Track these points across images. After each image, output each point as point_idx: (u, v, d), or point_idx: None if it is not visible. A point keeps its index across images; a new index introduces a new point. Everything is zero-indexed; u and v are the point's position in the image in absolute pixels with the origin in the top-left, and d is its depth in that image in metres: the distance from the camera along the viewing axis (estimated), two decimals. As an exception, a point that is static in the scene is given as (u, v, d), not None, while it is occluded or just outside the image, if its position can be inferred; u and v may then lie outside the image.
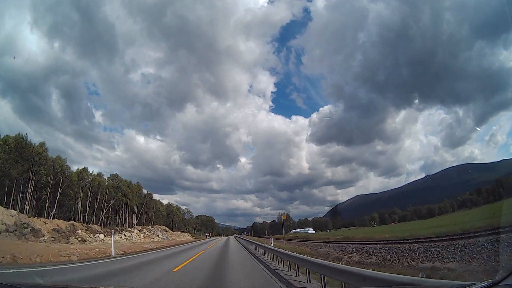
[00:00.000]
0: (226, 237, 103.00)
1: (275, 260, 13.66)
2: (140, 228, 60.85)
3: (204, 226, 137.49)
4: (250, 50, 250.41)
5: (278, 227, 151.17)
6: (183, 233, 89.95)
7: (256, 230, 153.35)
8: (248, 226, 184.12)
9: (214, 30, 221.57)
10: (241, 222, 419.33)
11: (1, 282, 2.89)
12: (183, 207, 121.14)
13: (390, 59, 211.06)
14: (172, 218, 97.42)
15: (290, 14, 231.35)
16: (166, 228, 79.71)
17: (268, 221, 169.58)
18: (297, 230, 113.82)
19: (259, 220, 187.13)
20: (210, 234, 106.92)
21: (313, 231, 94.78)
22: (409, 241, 19.26)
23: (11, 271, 9.95)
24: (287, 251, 11.68)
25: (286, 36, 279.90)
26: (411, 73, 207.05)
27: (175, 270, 11.06)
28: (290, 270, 10.21)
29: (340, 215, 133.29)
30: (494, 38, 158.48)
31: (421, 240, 18.16)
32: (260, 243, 23.37)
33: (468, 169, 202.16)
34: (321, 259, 7.02)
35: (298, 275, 9.17)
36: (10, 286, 3.04)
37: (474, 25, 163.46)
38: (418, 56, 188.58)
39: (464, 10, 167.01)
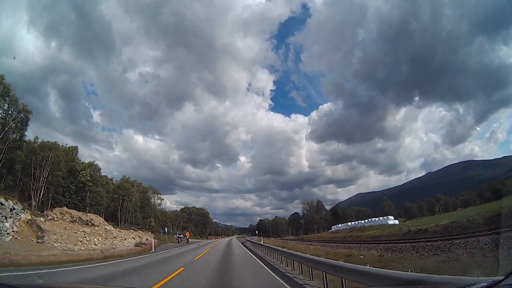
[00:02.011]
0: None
1: None
2: None
3: (193, 222, 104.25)
4: (249, 47, 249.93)
5: (299, 223, 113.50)
6: (130, 231, 44.56)
7: (264, 229, 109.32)
8: (251, 225, 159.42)
9: (212, 27, 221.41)
10: (241, 222, 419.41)
11: (1, 282, 2.90)
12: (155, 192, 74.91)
13: (390, 56, 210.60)
14: (123, 204, 57.27)
15: (289, 11, 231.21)
16: (97, 218, 37.48)
17: (285, 217, 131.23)
18: (351, 223, 75.71)
19: (258, 219, 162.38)
20: (188, 236, 57.73)
21: (396, 221, 59.16)
22: None
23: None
24: None
25: (284, 33, 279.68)
26: (411, 70, 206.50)
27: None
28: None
29: (340, 213, 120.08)
30: (494, 34, 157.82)
31: None
32: None
33: (470, 165, 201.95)
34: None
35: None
36: (10, 286, 3.05)
37: (474, 21, 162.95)
38: (418, 52, 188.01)
39: (463, 5, 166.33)
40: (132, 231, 47.52)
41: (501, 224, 14.92)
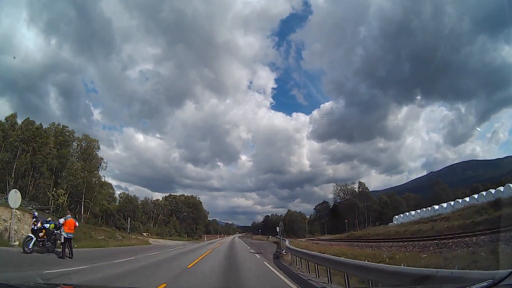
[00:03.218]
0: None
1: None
2: None
3: (180, 216, 79.19)
4: (249, 44, 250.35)
5: (327, 216, 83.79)
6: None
7: (272, 227, 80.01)
8: (254, 223, 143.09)
9: (212, 24, 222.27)
10: (242, 220, 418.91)
11: (1, 283, 2.91)
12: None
13: (391, 54, 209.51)
14: (21, 162, 35.69)
15: (290, 7, 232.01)
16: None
17: (301, 211, 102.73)
18: (448, 203, 43.44)
19: (259, 217, 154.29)
20: (71, 226, 13.23)
21: None
22: None
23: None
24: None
25: (285, 30, 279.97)
26: (413, 68, 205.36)
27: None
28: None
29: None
30: (496, 33, 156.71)
31: None
32: None
33: (472, 165, 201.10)
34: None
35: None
36: (10, 286, 3.06)
37: (476, 20, 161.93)
38: (420, 51, 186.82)
39: (465, 3, 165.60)
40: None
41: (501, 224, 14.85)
